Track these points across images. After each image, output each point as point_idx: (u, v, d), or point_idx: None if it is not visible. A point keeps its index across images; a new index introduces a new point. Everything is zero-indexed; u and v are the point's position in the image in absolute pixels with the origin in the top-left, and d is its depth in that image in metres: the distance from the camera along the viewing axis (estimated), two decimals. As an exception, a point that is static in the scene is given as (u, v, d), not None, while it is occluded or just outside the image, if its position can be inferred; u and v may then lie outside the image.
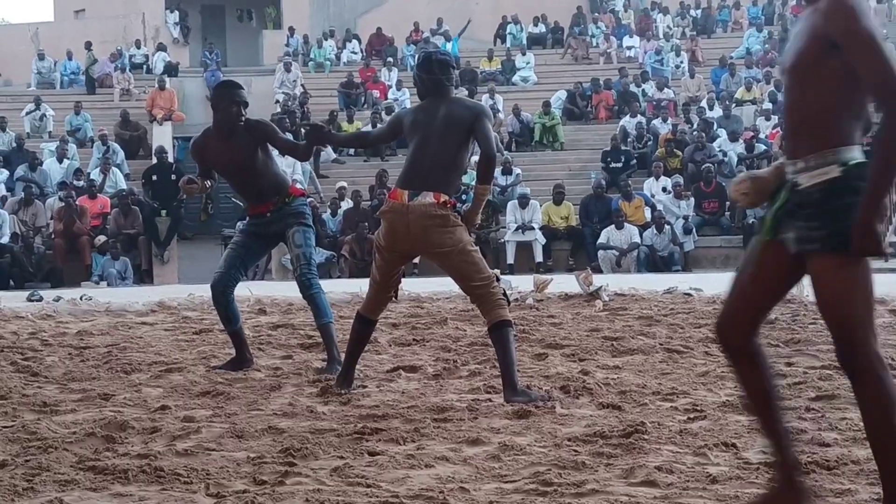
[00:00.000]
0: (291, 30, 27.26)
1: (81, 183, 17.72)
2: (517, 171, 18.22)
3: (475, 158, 6.03)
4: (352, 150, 19.88)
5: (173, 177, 16.72)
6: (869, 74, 3.05)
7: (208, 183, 6.59)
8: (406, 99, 21.90)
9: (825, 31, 3.10)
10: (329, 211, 16.77)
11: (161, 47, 26.46)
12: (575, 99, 22.30)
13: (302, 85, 23.27)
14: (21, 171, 18.32)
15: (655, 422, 4.71)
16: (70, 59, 25.06)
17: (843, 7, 3.07)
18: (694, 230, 16.03)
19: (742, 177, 3.50)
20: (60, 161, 18.77)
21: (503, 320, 5.29)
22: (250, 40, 30.57)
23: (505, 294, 5.41)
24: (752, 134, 18.67)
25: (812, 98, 3.17)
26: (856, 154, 3.17)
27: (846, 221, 3.08)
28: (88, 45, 24.30)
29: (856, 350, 3.11)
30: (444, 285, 8.06)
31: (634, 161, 18.56)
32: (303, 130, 18.07)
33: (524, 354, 6.51)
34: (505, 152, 19.19)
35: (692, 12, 28.15)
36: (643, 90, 22.23)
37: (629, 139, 19.48)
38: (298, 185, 8.17)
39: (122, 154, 19.67)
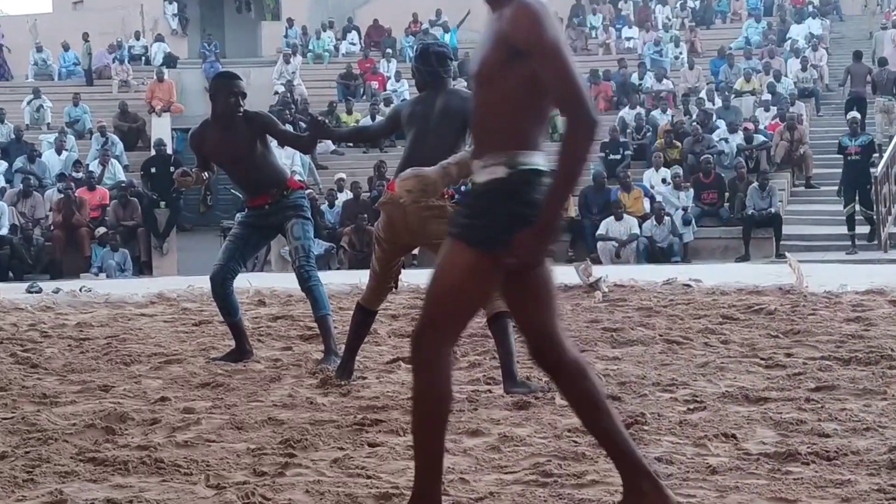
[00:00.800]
0: (290, 21, 27.19)
1: (80, 174, 17.70)
2: (516, 162, 18.15)
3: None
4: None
5: (172, 168, 16.67)
6: (553, 83, 3.00)
7: (205, 175, 6.56)
8: (405, 90, 21.86)
9: (510, 39, 3.04)
10: (327, 203, 16.75)
11: (160, 38, 26.41)
12: (574, 90, 22.22)
13: (291, 79, 23.15)
14: (20, 162, 18.31)
15: (655, 413, 4.71)
16: (67, 50, 24.99)
17: (529, 15, 3.01)
18: (693, 221, 16.01)
19: (409, 173, 3.50)
20: (59, 153, 18.78)
21: (503, 311, 5.29)
22: (249, 31, 30.47)
23: (504, 285, 5.41)
24: (751, 125, 18.65)
25: (495, 103, 3.12)
26: (534, 160, 3.12)
27: (493, 224, 3.05)
28: (86, 37, 24.25)
29: (421, 341, 3.14)
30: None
31: (629, 152, 18.53)
32: (302, 125, 18.08)
33: (524, 345, 6.49)
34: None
35: (691, 3, 28.05)
36: (643, 81, 22.20)
37: (628, 130, 19.45)
38: (297, 178, 8.16)
39: (120, 146, 19.66)
